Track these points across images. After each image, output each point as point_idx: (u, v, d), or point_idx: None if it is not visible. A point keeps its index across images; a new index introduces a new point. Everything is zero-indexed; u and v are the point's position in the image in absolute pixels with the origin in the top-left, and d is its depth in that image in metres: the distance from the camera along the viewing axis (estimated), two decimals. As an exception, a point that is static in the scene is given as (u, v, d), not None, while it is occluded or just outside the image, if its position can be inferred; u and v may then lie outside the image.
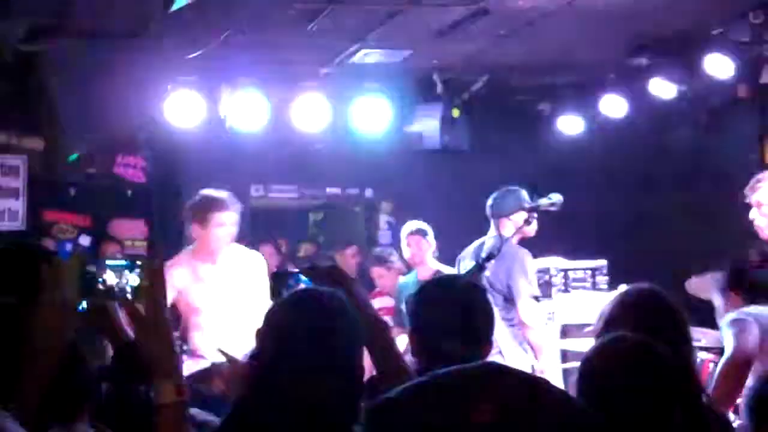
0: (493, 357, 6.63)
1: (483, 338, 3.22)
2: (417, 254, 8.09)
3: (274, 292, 3.09)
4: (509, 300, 6.79)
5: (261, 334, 2.56)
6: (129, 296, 2.57)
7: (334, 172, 10.04)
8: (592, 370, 2.68)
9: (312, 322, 2.49)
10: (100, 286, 2.56)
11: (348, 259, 9.52)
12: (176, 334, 5.68)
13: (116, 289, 2.55)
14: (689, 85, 8.69)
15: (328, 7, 7.01)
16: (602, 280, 8.27)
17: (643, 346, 2.70)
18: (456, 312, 3.13)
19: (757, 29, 7.85)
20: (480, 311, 3.26)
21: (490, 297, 6.64)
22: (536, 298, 6.86)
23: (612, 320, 3.22)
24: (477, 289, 3.41)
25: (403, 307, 7.44)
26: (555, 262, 8.16)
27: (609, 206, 9.67)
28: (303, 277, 3.01)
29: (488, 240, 6.96)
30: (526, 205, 6.80)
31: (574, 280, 8.21)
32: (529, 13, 7.29)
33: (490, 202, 7.10)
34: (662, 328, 3.04)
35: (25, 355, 2.50)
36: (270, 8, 6.93)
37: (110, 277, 2.56)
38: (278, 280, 3.06)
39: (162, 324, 2.49)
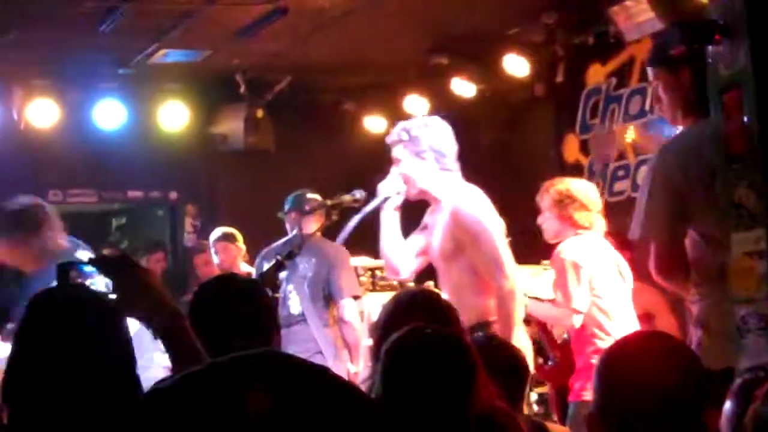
0: (313, 358, 6.64)
1: (264, 332, 3.19)
2: (225, 260, 7.95)
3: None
4: (328, 298, 6.76)
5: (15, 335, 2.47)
6: None
7: (135, 175, 9.77)
8: (392, 363, 2.71)
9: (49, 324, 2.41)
10: None
11: (153, 265, 9.27)
12: None
13: None
14: (488, 84, 8.87)
15: (121, 7, 6.82)
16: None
17: (437, 336, 2.78)
18: (230, 308, 3.10)
19: (551, 29, 8.08)
20: (256, 305, 3.22)
21: (306, 295, 6.63)
22: (356, 297, 6.86)
23: (391, 319, 3.25)
24: (252, 283, 3.40)
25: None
26: (362, 262, 8.15)
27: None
28: (87, 268, 2.86)
29: (292, 238, 6.89)
30: (329, 202, 6.76)
31: (381, 279, 8.21)
32: (331, 11, 7.28)
33: (290, 200, 7.04)
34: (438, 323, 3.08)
35: None
36: (60, 7, 6.69)
37: None
38: (61, 270, 2.89)
39: None
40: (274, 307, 3.31)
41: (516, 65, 8.41)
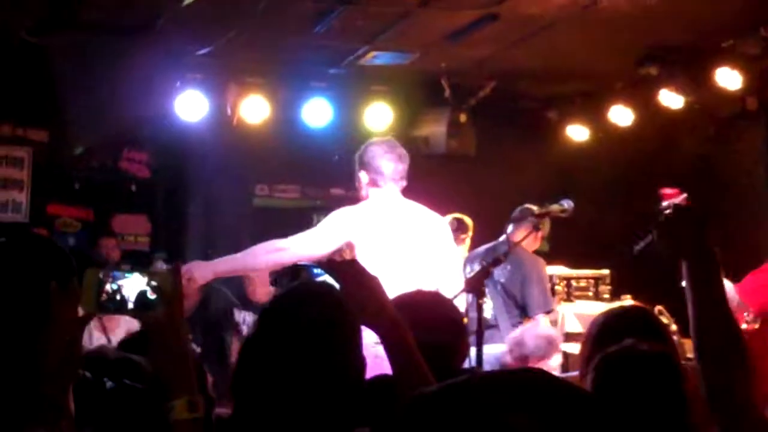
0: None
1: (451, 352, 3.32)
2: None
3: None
4: (521, 307, 6.77)
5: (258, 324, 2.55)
6: (139, 307, 2.43)
7: (338, 172, 9.97)
8: (602, 379, 2.71)
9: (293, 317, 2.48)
10: (112, 299, 2.41)
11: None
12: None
13: (126, 300, 2.40)
14: (697, 96, 8.66)
15: (337, 9, 6.99)
16: (605, 289, 8.20)
17: (660, 355, 2.76)
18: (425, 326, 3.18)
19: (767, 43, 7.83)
20: (452, 328, 3.34)
21: (499, 301, 6.69)
22: (549, 311, 6.84)
23: (602, 334, 3.22)
24: (449, 303, 3.53)
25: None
26: (558, 271, 8.10)
27: (613, 215, 9.62)
28: (317, 270, 2.98)
29: (498, 245, 6.94)
30: (537, 212, 6.79)
31: (577, 289, 8.13)
32: (539, 20, 7.27)
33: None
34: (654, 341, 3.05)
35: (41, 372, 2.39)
36: (278, 8, 6.91)
37: (126, 287, 2.42)
38: (295, 272, 3.03)
39: (177, 337, 2.36)
40: (465, 330, 3.43)
41: (728, 78, 8.18)
